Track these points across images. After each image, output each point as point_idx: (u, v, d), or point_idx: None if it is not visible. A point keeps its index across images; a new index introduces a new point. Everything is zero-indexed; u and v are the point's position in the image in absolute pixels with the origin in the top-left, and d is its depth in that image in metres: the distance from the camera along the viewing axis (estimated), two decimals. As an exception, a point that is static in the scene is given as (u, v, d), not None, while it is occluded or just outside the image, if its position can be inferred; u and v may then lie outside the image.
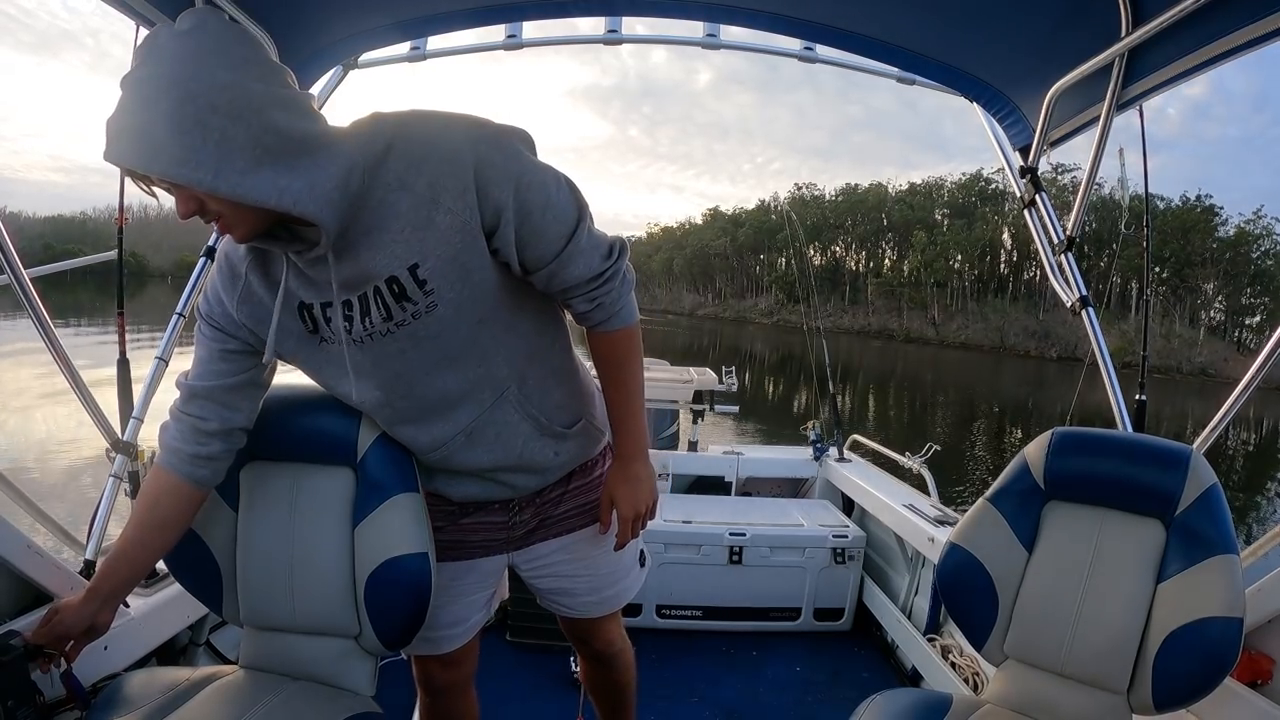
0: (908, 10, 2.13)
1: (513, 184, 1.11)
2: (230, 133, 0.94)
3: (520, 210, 1.12)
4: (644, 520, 1.47)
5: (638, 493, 1.43)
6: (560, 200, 1.16)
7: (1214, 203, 76.71)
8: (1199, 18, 1.64)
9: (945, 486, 10.81)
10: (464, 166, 1.08)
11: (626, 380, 1.38)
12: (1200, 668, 1.40)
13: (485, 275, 1.17)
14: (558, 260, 1.19)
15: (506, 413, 1.34)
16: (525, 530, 1.53)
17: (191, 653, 2.04)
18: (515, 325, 1.29)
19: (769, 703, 2.70)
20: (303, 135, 1.01)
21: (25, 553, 1.49)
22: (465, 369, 1.26)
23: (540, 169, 1.15)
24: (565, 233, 1.18)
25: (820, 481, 3.87)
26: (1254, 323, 74.93)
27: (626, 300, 1.31)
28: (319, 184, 1.02)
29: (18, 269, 1.58)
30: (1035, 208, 2.40)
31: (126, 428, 1.90)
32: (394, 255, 1.12)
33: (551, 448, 1.43)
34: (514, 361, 1.30)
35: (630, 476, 1.43)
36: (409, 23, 2.25)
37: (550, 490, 1.51)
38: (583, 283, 1.23)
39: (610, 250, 1.25)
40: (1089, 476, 1.63)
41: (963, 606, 1.71)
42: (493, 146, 1.10)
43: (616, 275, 1.26)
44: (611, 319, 1.30)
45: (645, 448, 1.44)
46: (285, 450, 1.55)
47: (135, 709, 1.35)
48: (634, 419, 1.41)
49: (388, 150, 1.09)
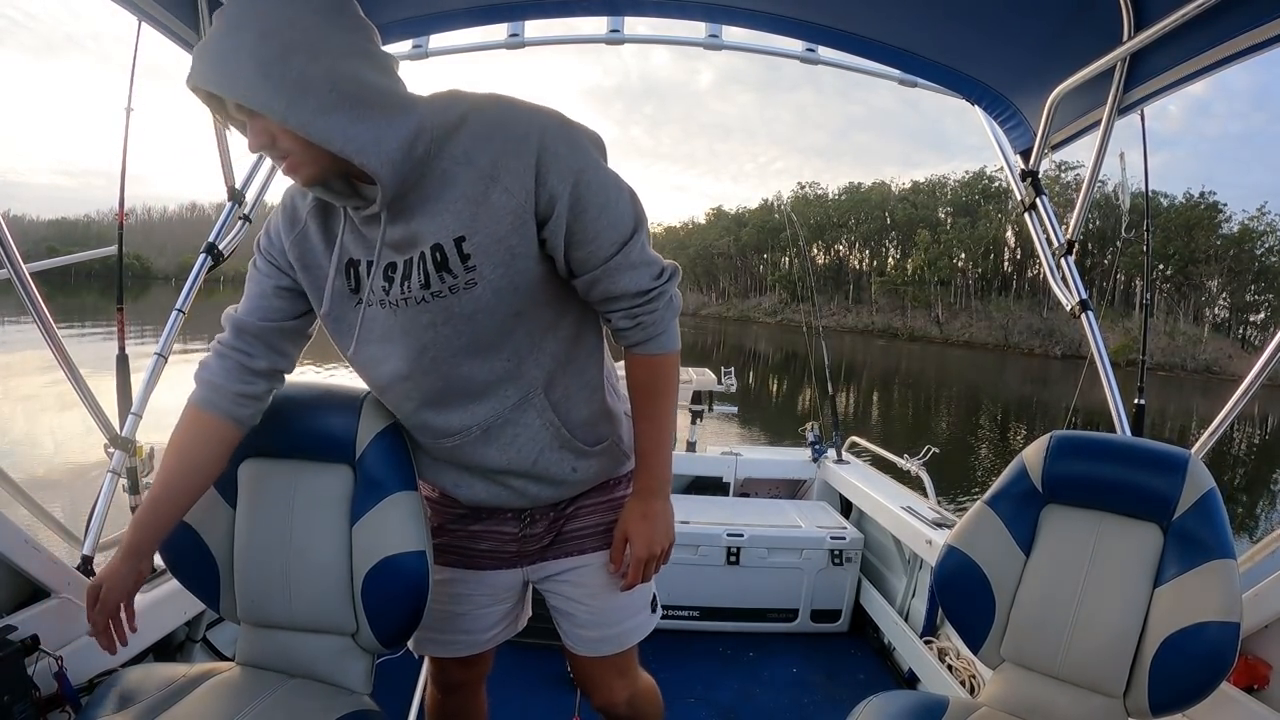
0: (910, 12, 2.13)
1: (573, 177, 1.10)
2: (308, 72, 0.96)
3: (575, 204, 1.11)
4: (658, 563, 1.39)
5: (654, 532, 1.36)
6: (619, 207, 1.15)
7: (1218, 199, 76.53)
8: (1201, 22, 1.64)
9: (948, 485, 10.76)
10: (528, 150, 1.08)
11: (657, 412, 1.31)
12: (1197, 672, 1.39)
13: (529, 265, 1.15)
14: (605, 267, 1.16)
15: (528, 417, 1.28)
16: (538, 545, 1.46)
17: (188, 649, 2.05)
18: (553, 328, 1.25)
19: (765, 704, 2.70)
20: (378, 90, 1.03)
21: (23, 548, 1.50)
22: (494, 360, 1.22)
23: (605, 171, 1.14)
24: (618, 239, 1.15)
25: (818, 483, 3.87)
26: (1258, 319, 74.77)
27: (669, 326, 1.26)
28: (385, 139, 1.03)
29: (18, 264, 1.59)
30: (1036, 211, 2.40)
31: (125, 424, 1.90)
32: (443, 224, 1.11)
33: (570, 463, 1.35)
34: (545, 365, 1.26)
35: (648, 514, 1.36)
36: (411, 21, 2.25)
37: (566, 504, 1.44)
38: (627, 296, 1.20)
39: (661, 271, 1.21)
40: (1087, 480, 1.63)
41: (960, 609, 1.71)
42: (560, 138, 1.10)
43: (662, 297, 1.22)
44: (650, 341, 1.25)
45: (667, 485, 1.37)
46: (284, 447, 1.55)
47: (132, 705, 1.36)
48: (659, 454, 1.34)
49: (460, 123, 1.10)
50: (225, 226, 2.17)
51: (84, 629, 1.61)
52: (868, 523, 3.37)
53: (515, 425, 1.29)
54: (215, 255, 2.15)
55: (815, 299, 5.30)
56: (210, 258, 2.14)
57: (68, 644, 1.56)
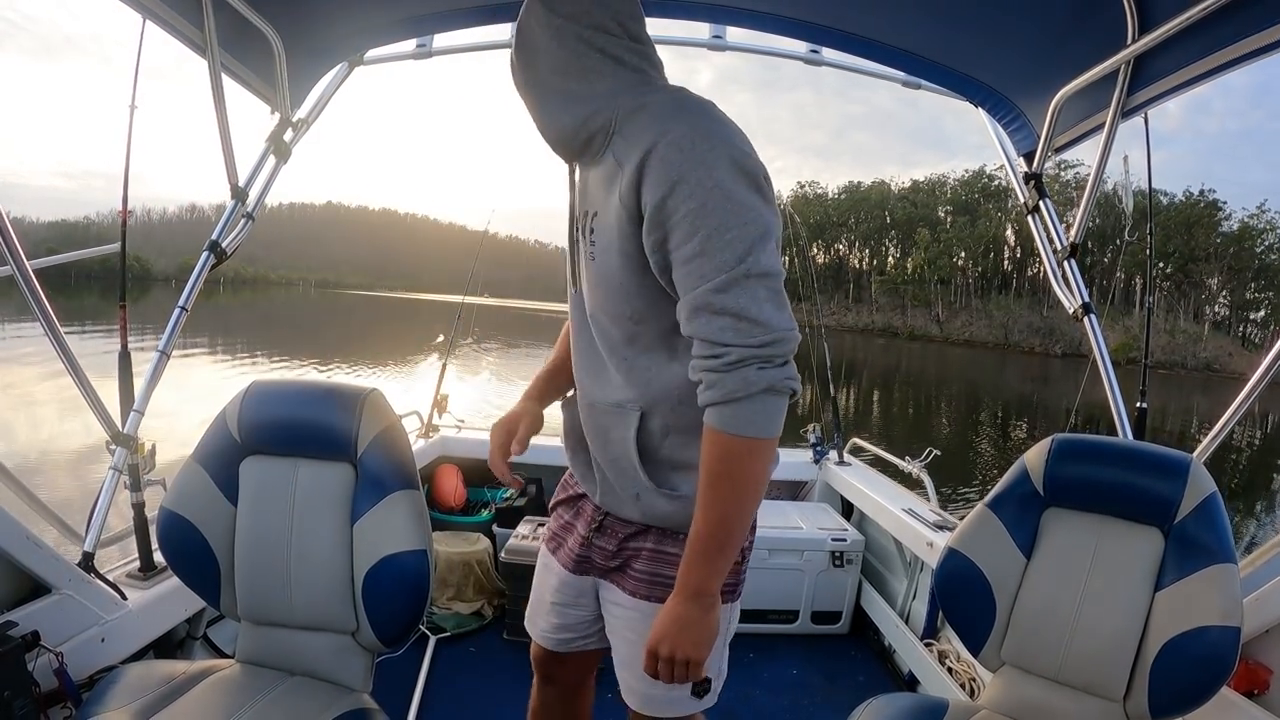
0: (914, 15, 2.12)
1: (669, 184, 1.02)
2: (565, 30, 1.14)
3: (664, 217, 1.04)
4: (683, 672, 1.14)
5: (670, 635, 1.12)
6: (723, 236, 1.00)
7: (1217, 197, 76.59)
8: (1206, 25, 1.64)
9: (949, 484, 10.73)
10: (644, 148, 1.05)
11: (712, 501, 1.08)
12: (1197, 676, 1.40)
13: (629, 261, 1.12)
14: (688, 298, 1.04)
15: (620, 429, 1.23)
16: (605, 562, 1.35)
17: (189, 646, 2.05)
18: (672, 360, 1.18)
19: (765, 705, 2.70)
20: (600, 60, 1.15)
21: (25, 544, 1.50)
22: (610, 348, 1.23)
23: (721, 194, 1.01)
24: (708, 272, 1.01)
25: (819, 484, 3.87)
26: (1258, 317, 74.83)
27: (752, 404, 1.02)
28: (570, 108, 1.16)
29: (21, 261, 1.58)
30: (1039, 214, 2.40)
31: (127, 420, 1.90)
32: (590, 198, 1.19)
33: (634, 488, 1.26)
34: (654, 391, 1.19)
35: (670, 614, 1.13)
36: (415, 20, 2.25)
37: (637, 534, 1.31)
38: (701, 343, 1.05)
39: (761, 337, 1.01)
40: (1088, 484, 1.63)
41: (960, 612, 1.71)
42: (678, 143, 1.02)
43: (746, 365, 1.01)
44: (715, 408, 1.04)
45: (705, 596, 1.12)
46: (285, 444, 1.55)
47: (132, 701, 1.36)
48: (700, 552, 1.10)
49: (637, 111, 1.12)
50: (228, 224, 2.17)
51: (85, 625, 1.62)
52: (869, 525, 3.37)
53: (609, 423, 1.26)
54: (218, 253, 2.14)
55: (816, 298, 5.29)
56: (213, 255, 2.14)
57: (68, 640, 1.55)
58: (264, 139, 2.28)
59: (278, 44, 2.10)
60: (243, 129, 2.15)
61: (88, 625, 1.62)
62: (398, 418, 1.63)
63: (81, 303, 43.30)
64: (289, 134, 2.33)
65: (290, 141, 2.34)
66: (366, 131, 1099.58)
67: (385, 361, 24.00)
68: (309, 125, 2.38)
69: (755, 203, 1.03)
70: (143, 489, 1.90)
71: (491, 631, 3.08)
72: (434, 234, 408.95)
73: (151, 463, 1.93)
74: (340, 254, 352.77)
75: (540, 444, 1.58)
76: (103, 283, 47.83)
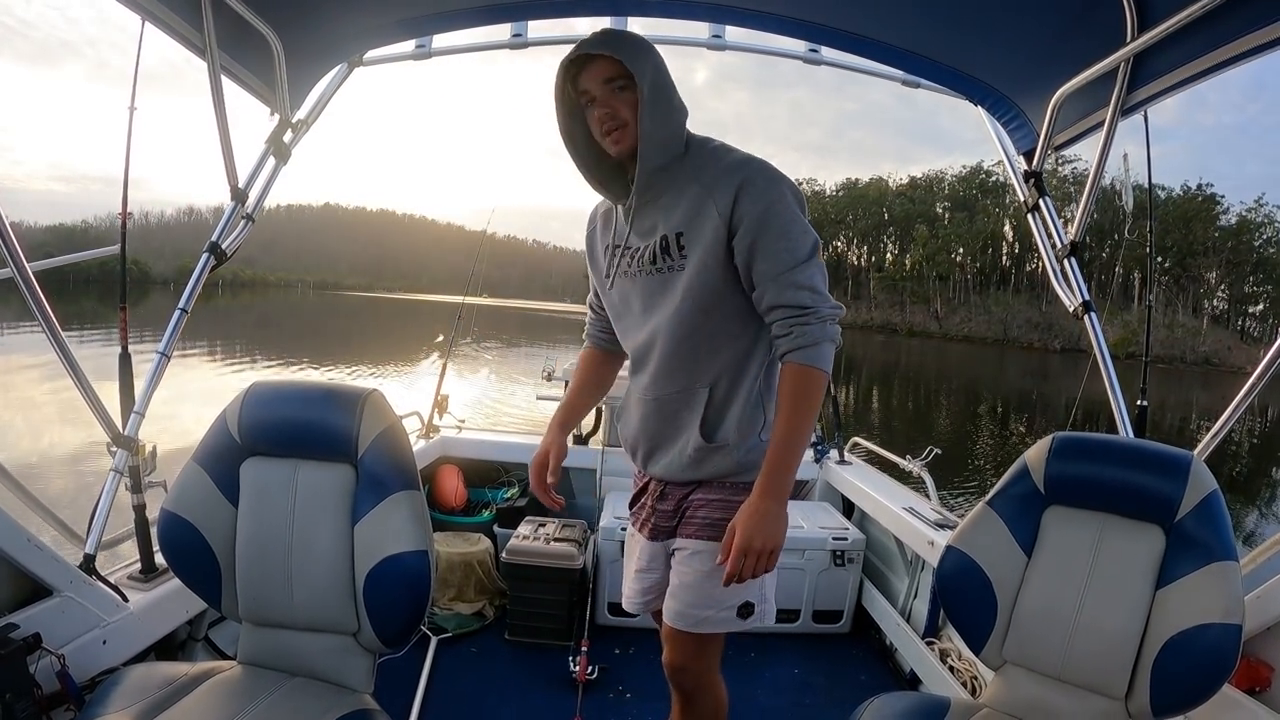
0: (913, 14, 2.12)
1: (764, 204, 1.41)
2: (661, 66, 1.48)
3: (760, 225, 1.41)
4: (758, 562, 1.38)
5: (760, 528, 1.38)
6: (797, 239, 1.43)
7: (1215, 191, 76.59)
8: (1205, 23, 1.64)
9: (949, 482, 10.69)
10: (736, 179, 1.43)
11: (792, 418, 1.43)
12: (1198, 674, 1.40)
13: (717, 266, 1.46)
14: (776, 280, 1.42)
15: (691, 407, 1.56)
16: (668, 522, 1.65)
17: (190, 648, 2.05)
18: (733, 341, 1.53)
19: (767, 705, 2.70)
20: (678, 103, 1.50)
21: (26, 546, 1.50)
22: (692, 343, 1.53)
23: (793, 211, 1.44)
24: (791, 262, 1.42)
25: (820, 483, 3.87)
26: (1257, 311, 74.84)
27: (821, 347, 1.42)
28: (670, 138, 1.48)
29: (21, 263, 1.58)
30: (1039, 212, 2.40)
31: (128, 423, 1.90)
32: (672, 221, 1.49)
33: (693, 449, 1.56)
34: (715, 370, 1.54)
35: (756, 510, 1.39)
36: (414, 21, 2.25)
37: (691, 491, 1.61)
38: (787, 308, 1.43)
39: (824, 301, 1.43)
40: (1089, 481, 1.63)
41: (962, 610, 1.71)
42: (762, 175, 1.43)
43: (818, 318, 1.42)
44: (798, 351, 1.42)
45: (784, 490, 1.42)
46: (285, 445, 1.55)
47: (134, 703, 1.36)
48: (784, 459, 1.43)
49: (699, 147, 1.51)
50: (228, 226, 2.17)
51: (87, 627, 1.62)
52: (870, 523, 3.37)
53: (678, 405, 1.58)
54: (218, 255, 2.14)
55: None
56: (213, 257, 2.13)
57: (70, 642, 1.56)
58: (263, 140, 2.27)
59: (277, 45, 2.10)
60: (242, 131, 2.15)
61: (89, 627, 1.62)
62: (398, 418, 1.63)
63: (80, 307, 43.19)
64: (288, 135, 2.33)
65: (290, 143, 2.33)
66: (363, 132, 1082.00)
67: (385, 362, 23.99)
68: (308, 126, 2.37)
69: (806, 219, 1.47)
70: (143, 491, 1.90)
71: (493, 632, 3.08)
72: (432, 234, 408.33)
73: (152, 464, 1.93)
74: (338, 255, 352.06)
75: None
76: (101, 286, 47.80)
